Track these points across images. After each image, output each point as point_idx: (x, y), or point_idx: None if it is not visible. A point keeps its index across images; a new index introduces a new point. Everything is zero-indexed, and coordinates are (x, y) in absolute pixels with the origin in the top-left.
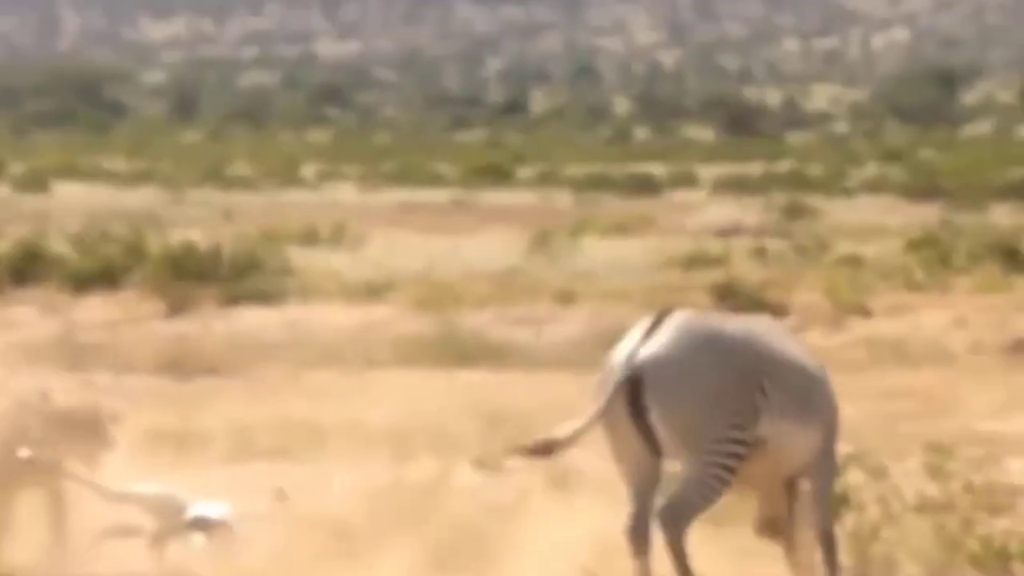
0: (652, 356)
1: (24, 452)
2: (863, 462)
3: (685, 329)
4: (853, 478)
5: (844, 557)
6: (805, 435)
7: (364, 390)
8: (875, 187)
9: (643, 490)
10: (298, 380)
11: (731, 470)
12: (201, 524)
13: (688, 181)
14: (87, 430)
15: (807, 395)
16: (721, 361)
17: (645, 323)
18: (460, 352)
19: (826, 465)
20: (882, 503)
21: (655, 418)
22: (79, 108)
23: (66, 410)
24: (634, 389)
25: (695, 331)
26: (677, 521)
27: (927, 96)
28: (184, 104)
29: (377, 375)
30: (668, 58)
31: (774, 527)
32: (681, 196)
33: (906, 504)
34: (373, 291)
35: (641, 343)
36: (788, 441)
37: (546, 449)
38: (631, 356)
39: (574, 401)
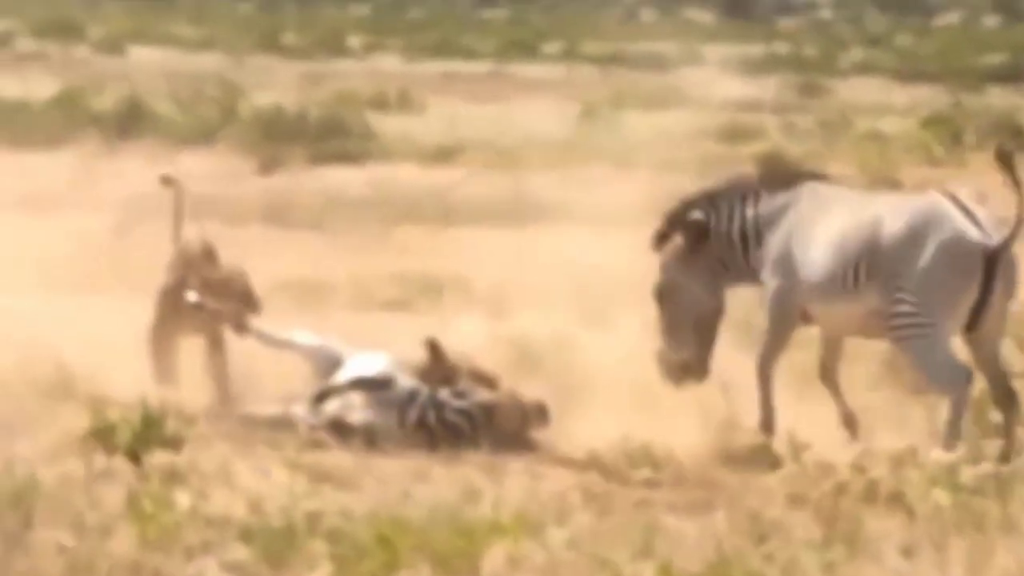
0: (1003, 238)
1: (192, 296)
2: None
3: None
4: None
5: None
6: None
7: (453, 246)
8: (864, 69)
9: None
10: (389, 235)
11: None
12: (360, 384)
13: (695, 59)
14: (238, 290)
15: None
16: None
17: (947, 203)
18: (528, 211)
19: None
20: None
21: (1000, 292)
22: None
23: (224, 266)
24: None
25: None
26: None
27: None
28: None
29: (458, 232)
30: None
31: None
32: (690, 73)
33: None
34: (443, 154)
35: (977, 224)
36: None
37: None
38: (991, 236)
39: (650, 258)
